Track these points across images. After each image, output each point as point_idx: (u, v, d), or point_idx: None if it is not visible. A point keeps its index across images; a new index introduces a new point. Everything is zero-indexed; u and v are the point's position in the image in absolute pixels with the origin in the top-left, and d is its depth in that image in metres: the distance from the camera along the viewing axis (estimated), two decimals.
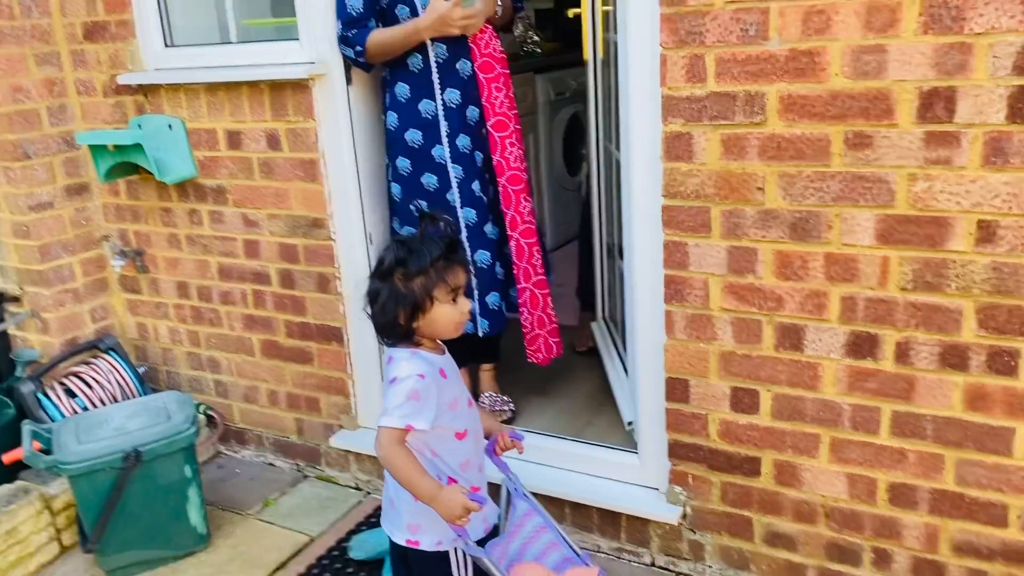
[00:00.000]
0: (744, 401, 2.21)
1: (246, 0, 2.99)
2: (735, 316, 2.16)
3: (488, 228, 2.67)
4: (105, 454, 2.48)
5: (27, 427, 2.60)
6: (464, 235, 2.64)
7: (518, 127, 2.70)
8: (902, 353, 1.98)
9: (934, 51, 1.78)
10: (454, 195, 2.62)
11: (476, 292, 2.65)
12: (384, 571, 2.46)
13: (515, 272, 2.71)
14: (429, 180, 2.62)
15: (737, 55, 1.97)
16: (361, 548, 2.60)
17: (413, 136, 2.60)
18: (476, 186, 2.63)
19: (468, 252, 2.64)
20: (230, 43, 2.86)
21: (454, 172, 2.61)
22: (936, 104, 1.80)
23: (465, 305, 1.86)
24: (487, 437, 2.06)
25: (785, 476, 2.21)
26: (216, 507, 2.94)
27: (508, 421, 2.91)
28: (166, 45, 2.94)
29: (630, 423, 2.61)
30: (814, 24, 1.87)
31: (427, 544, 1.93)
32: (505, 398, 2.97)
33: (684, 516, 2.39)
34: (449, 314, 1.83)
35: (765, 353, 2.15)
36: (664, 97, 2.09)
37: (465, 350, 2.89)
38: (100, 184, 3.13)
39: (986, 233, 1.83)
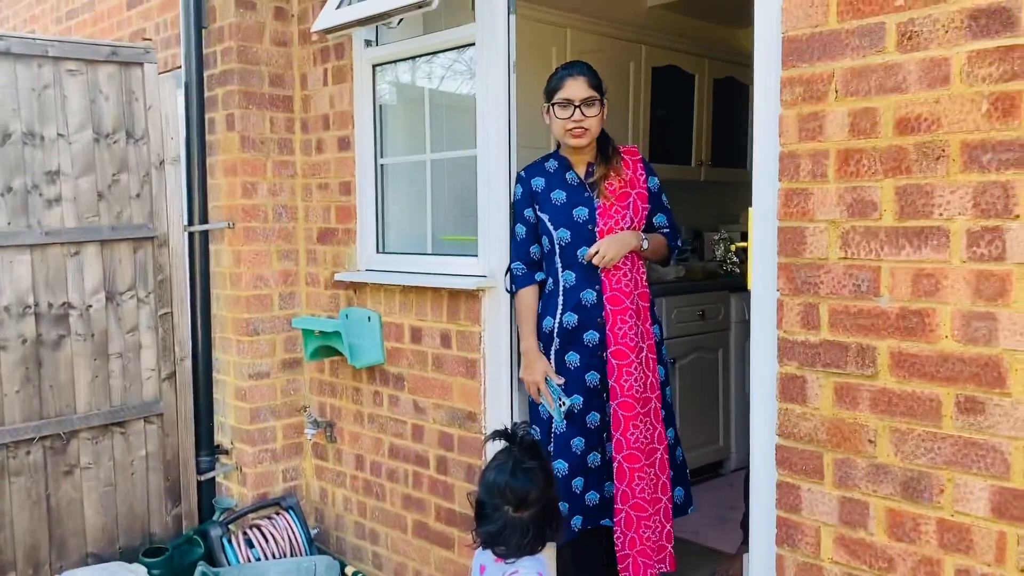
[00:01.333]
0: None
1: (450, 216, 3.46)
2: (845, 571, 2.07)
3: (576, 442, 2.77)
4: None
5: (200, 569, 2.97)
6: (551, 441, 2.78)
7: (651, 355, 2.84)
8: None
9: None
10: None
11: None
12: None
13: (614, 493, 2.77)
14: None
15: (849, 308, 2.02)
16: None
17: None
18: (575, 400, 2.79)
19: (551, 457, 2.77)
20: (426, 254, 3.31)
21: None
22: None
23: None
24: None
25: None
26: None
27: None
28: (377, 251, 3.45)
29: None
30: (923, 286, 1.90)
31: None
32: None
33: None
34: None
35: None
36: (780, 339, 2.16)
37: (597, 562, 2.94)
38: (307, 361, 3.63)
39: None
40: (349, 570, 3.52)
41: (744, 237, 5.45)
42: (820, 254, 2.07)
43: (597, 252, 2.75)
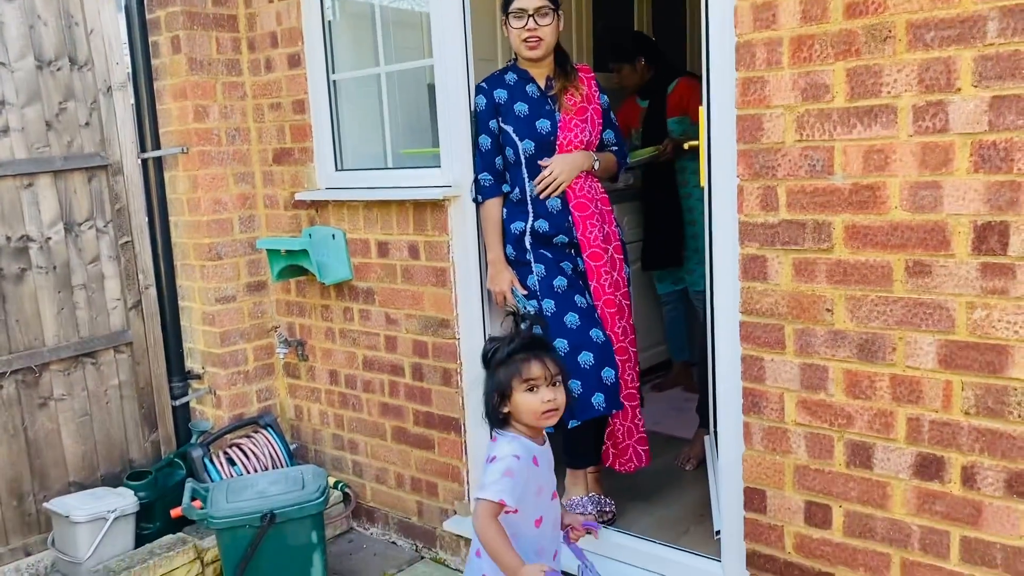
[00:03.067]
0: (817, 515, 2.27)
1: (405, 132, 3.48)
2: (808, 431, 2.26)
3: (569, 318, 2.85)
4: (246, 513, 2.86)
5: (189, 484, 3.05)
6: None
7: (618, 255, 2.98)
8: (968, 477, 2.01)
9: (986, 188, 1.89)
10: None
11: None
12: None
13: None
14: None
15: (806, 187, 2.16)
16: None
17: (508, 251, 2.96)
18: (559, 282, 2.89)
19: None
20: (387, 168, 3.35)
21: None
22: (990, 237, 1.90)
23: (545, 395, 2.09)
24: (563, 528, 2.25)
25: None
26: None
27: (608, 522, 3.05)
28: (336, 168, 3.47)
29: (717, 532, 2.69)
30: (874, 161, 2.04)
31: None
32: (608, 499, 3.12)
33: None
34: (528, 402, 2.09)
35: (837, 469, 2.22)
36: (741, 223, 2.29)
37: (593, 450, 3.08)
38: (274, 282, 3.67)
39: None
40: (331, 480, 3.63)
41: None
42: (777, 138, 2.19)
43: (550, 174, 2.84)
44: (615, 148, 3.11)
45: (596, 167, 2.96)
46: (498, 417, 2.13)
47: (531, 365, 2.08)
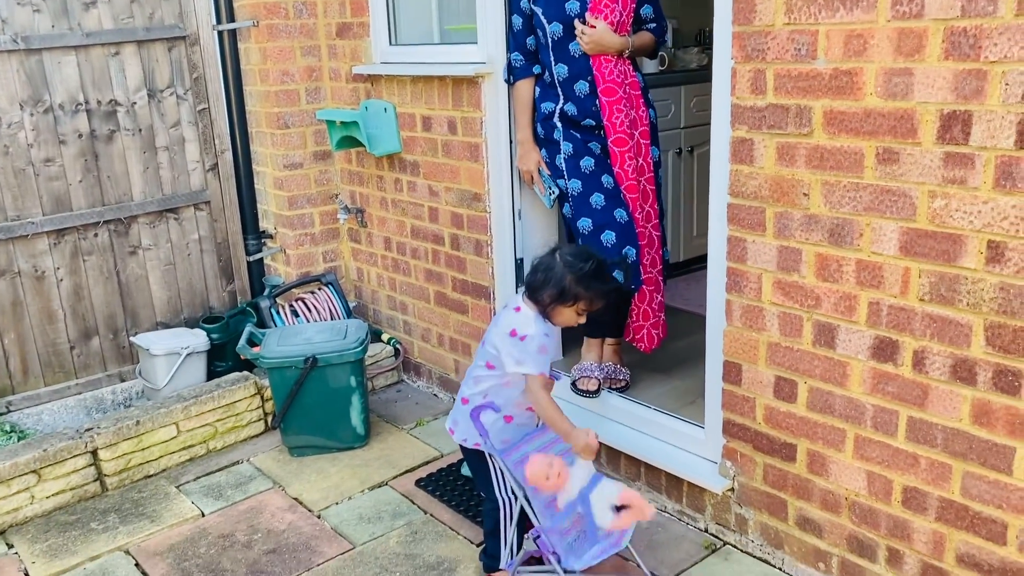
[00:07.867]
0: (785, 390, 2.40)
1: (454, 7, 3.59)
2: (781, 310, 2.36)
3: (595, 199, 2.96)
4: (292, 355, 3.24)
5: (247, 328, 3.44)
6: (572, 206, 3.01)
7: (644, 140, 3.03)
8: (918, 361, 2.08)
9: (954, 76, 1.88)
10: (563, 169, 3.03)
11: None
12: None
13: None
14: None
15: (791, 71, 2.18)
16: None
17: (537, 129, 3.07)
18: (586, 162, 2.99)
19: (574, 219, 3.00)
20: (432, 44, 3.49)
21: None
22: (954, 126, 1.90)
23: (581, 319, 2.38)
24: None
25: (816, 465, 2.37)
26: (382, 419, 3.63)
27: (621, 389, 3.25)
28: (390, 43, 3.63)
29: None
30: (853, 46, 2.04)
31: (469, 444, 2.50)
32: (624, 369, 3.31)
33: (732, 490, 2.62)
34: (569, 319, 2.38)
35: (804, 347, 2.32)
36: (733, 106, 2.34)
37: (610, 322, 3.26)
38: (334, 152, 3.93)
39: (995, 253, 1.90)
40: (385, 336, 3.98)
41: None
42: (768, 21, 2.20)
43: (594, 28, 2.88)
44: (652, 25, 3.10)
45: (628, 53, 2.99)
46: (537, 299, 2.34)
47: (597, 304, 2.34)
